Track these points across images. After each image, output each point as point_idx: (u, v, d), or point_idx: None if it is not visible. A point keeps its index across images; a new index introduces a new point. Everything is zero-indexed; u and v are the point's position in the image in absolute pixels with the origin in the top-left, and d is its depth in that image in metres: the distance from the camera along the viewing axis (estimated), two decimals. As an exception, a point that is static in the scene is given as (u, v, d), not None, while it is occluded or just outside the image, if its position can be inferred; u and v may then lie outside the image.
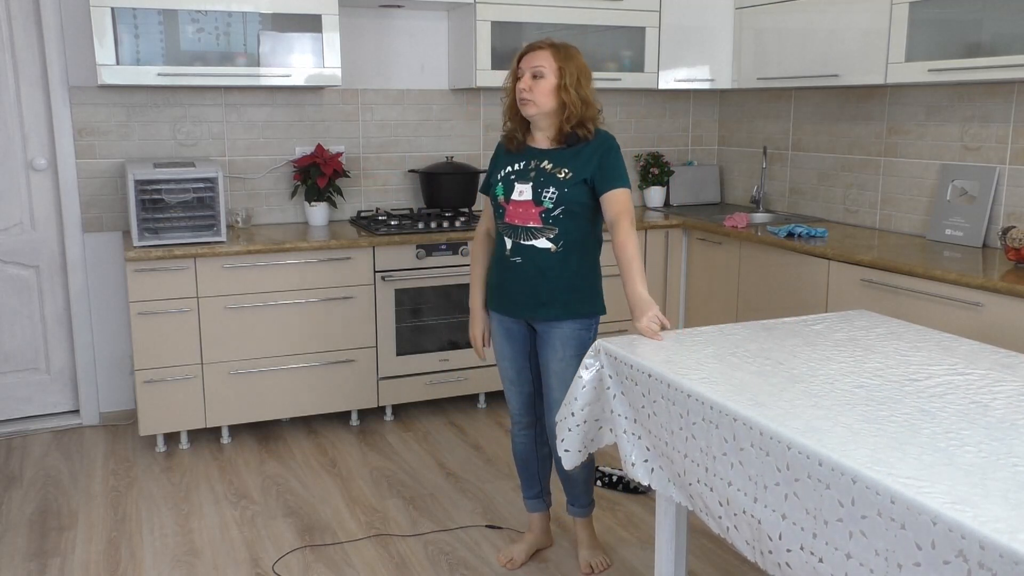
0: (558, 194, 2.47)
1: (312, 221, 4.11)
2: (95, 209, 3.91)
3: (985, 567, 1.22)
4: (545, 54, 2.47)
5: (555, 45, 2.49)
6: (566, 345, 2.56)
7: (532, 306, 2.56)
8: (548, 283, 2.53)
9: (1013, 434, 1.59)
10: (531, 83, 2.46)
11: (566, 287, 2.54)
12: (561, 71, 2.46)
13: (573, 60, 2.48)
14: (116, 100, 3.87)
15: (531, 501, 2.85)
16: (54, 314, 3.99)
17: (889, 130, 3.94)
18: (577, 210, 2.50)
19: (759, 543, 1.67)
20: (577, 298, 2.56)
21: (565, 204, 2.48)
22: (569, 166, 2.49)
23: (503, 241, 2.58)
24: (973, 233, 3.50)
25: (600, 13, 4.24)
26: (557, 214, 2.48)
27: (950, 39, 3.34)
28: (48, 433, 3.95)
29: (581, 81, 2.47)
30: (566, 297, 2.54)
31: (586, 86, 2.49)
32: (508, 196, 2.53)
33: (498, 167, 2.62)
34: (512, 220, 2.53)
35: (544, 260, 2.52)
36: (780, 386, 1.86)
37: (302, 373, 3.78)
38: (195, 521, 3.11)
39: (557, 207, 2.48)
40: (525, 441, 2.80)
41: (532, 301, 2.56)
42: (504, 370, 2.73)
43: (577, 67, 2.48)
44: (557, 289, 2.53)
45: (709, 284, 4.19)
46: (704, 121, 5.03)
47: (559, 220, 2.49)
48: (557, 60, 2.46)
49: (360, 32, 4.21)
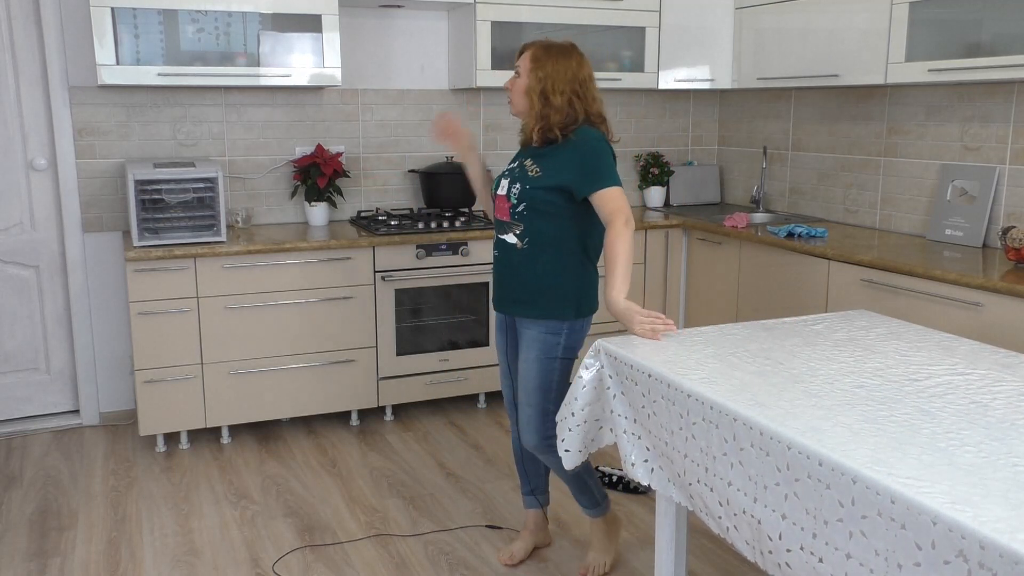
0: (520, 190, 2.52)
1: (312, 221, 4.11)
2: (95, 209, 3.91)
3: (985, 567, 1.22)
4: (527, 55, 2.54)
5: (543, 46, 2.50)
6: (530, 347, 2.57)
7: (508, 301, 2.62)
8: (516, 280, 2.57)
9: (1013, 434, 1.59)
10: (511, 82, 2.57)
11: (534, 287, 2.54)
12: (533, 74, 2.48)
13: (551, 63, 2.47)
14: (116, 100, 3.87)
15: (525, 498, 2.87)
16: (54, 314, 3.99)
17: (889, 130, 3.94)
18: (545, 208, 2.49)
19: (759, 543, 1.67)
20: (544, 299, 2.54)
21: (527, 201, 2.50)
22: (540, 164, 2.51)
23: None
24: (973, 233, 3.50)
25: (600, 13, 4.24)
26: (521, 210, 2.52)
27: (950, 39, 3.34)
28: (48, 433, 3.95)
29: (555, 85, 2.45)
30: (533, 297, 2.55)
31: (560, 90, 2.45)
32: (496, 190, 2.63)
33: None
34: (497, 214, 2.62)
35: (512, 256, 2.57)
36: (780, 386, 1.86)
37: (302, 373, 3.78)
38: (195, 521, 3.11)
39: (520, 203, 2.52)
40: (516, 437, 2.82)
41: (508, 296, 2.61)
42: (500, 363, 2.79)
43: (554, 70, 2.46)
44: (525, 287, 2.56)
45: (709, 284, 4.19)
46: (704, 121, 5.03)
47: (523, 216, 2.52)
48: (532, 62, 2.50)
49: (360, 32, 4.21)
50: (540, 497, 2.86)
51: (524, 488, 2.85)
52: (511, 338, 2.72)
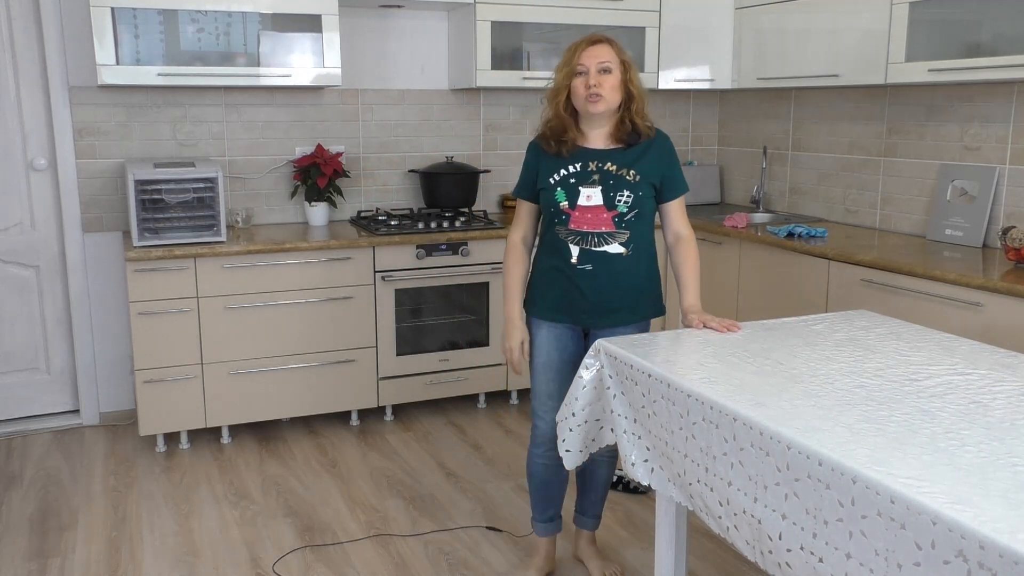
0: (633, 197, 2.39)
1: (312, 221, 4.10)
2: (95, 209, 3.90)
3: (985, 567, 1.22)
4: (607, 48, 2.38)
5: (609, 39, 2.42)
6: None
7: (601, 312, 2.47)
8: (620, 288, 2.45)
9: (1013, 434, 1.59)
10: (599, 79, 2.35)
11: (636, 291, 2.48)
12: (624, 64, 2.40)
13: (627, 52, 2.43)
14: (116, 100, 3.87)
15: (546, 524, 2.69)
16: (54, 314, 3.99)
17: (889, 130, 3.94)
18: (646, 212, 2.45)
19: (759, 543, 1.67)
20: (644, 301, 2.51)
21: (639, 208, 2.41)
22: (636, 167, 2.41)
23: (565, 249, 2.44)
24: (973, 233, 3.50)
25: (600, 13, 4.24)
26: (630, 218, 2.41)
27: (950, 39, 3.34)
28: (48, 433, 3.95)
29: (636, 75, 2.43)
30: (635, 301, 2.49)
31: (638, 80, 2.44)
32: (574, 201, 2.41)
33: (545, 171, 2.46)
34: (580, 226, 2.41)
35: (617, 265, 2.43)
36: (780, 386, 1.86)
37: (302, 373, 3.78)
38: (195, 521, 3.11)
39: (631, 211, 2.40)
40: (551, 463, 2.57)
41: (601, 308, 2.46)
42: (545, 383, 2.54)
43: (629, 59, 2.43)
44: (628, 294, 2.47)
45: (709, 284, 4.19)
46: (704, 121, 5.03)
47: (632, 224, 2.42)
48: (619, 53, 2.40)
49: (360, 32, 4.21)
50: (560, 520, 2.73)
51: (546, 514, 2.68)
52: (576, 353, 2.52)
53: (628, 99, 2.41)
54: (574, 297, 2.47)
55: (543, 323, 2.53)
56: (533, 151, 2.53)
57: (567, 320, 2.51)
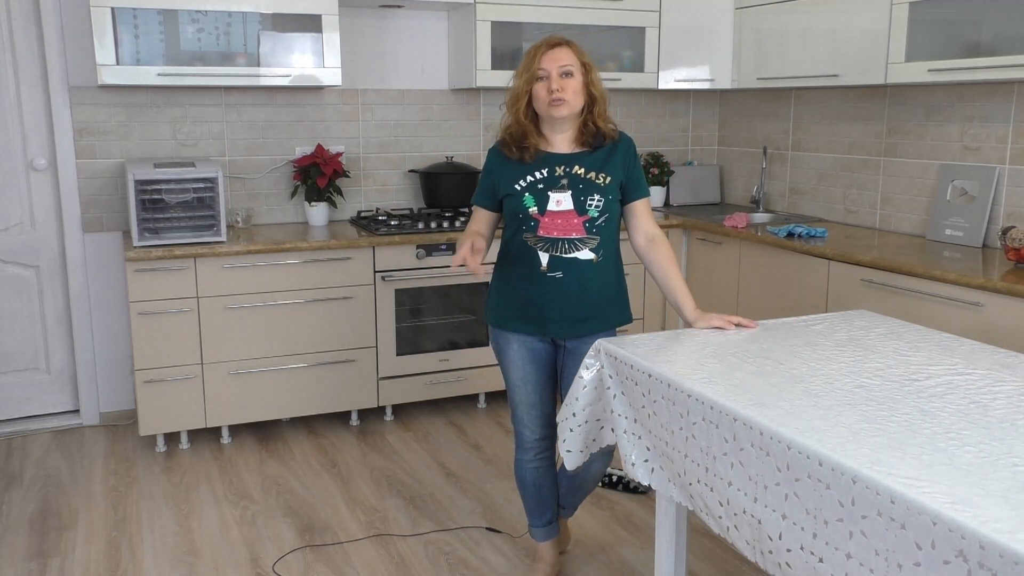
0: (604, 201, 2.36)
1: (312, 221, 4.11)
2: (95, 209, 3.91)
3: (985, 567, 1.22)
4: (567, 51, 2.34)
5: (569, 41, 2.39)
6: None
7: (570, 322, 2.42)
8: (590, 296, 2.40)
9: (1013, 434, 1.59)
10: (562, 83, 2.32)
11: (605, 299, 2.44)
12: (586, 67, 2.37)
13: (586, 54, 2.40)
14: (116, 100, 3.87)
15: (544, 528, 2.67)
16: (54, 314, 3.99)
17: (889, 130, 3.94)
18: (615, 217, 2.42)
19: (759, 543, 1.67)
20: (612, 309, 2.47)
21: (609, 212, 2.37)
22: (605, 170, 2.38)
23: (534, 256, 2.38)
24: (973, 233, 3.50)
25: (600, 13, 4.24)
26: (601, 222, 2.37)
27: (950, 39, 3.34)
28: (48, 433, 3.95)
29: (597, 77, 2.40)
30: (604, 309, 2.44)
31: (599, 81, 2.42)
32: (543, 207, 2.35)
33: (509, 178, 2.40)
34: (549, 232, 2.36)
35: (587, 272, 2.38)
36: (780, 386, 1.86)
37: (302, 373, 3.78)
38: (195, 521, 3.11)
39: (602, 215, 2.36)
40: (541, 465, 2.60)
41: (571, 317, 2.41)
42: (525, 395, 2.52)
43: (591, 60, 2.41)
44: (598, 302, 2.42)
45: (709, 284, 4.19)
46: (704, 121, 5.03)
47: (602, 229, 2.38)
48: (579, 56, 2.37)
49: (360, 32, 4.21)
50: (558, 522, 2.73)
51: (543, 519, 2.67)
52: (550, 363, 2.51)
53: (591, 102, 2.39)
54: (541, 305, 2.40)
55: (512, 336, 2.48)
56: (495, 157, 2.46)
57: (536, 331, 2.45)
